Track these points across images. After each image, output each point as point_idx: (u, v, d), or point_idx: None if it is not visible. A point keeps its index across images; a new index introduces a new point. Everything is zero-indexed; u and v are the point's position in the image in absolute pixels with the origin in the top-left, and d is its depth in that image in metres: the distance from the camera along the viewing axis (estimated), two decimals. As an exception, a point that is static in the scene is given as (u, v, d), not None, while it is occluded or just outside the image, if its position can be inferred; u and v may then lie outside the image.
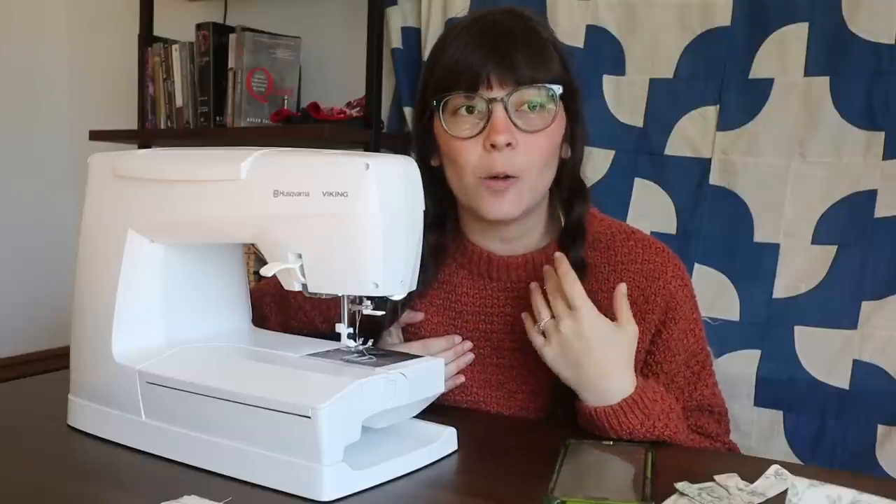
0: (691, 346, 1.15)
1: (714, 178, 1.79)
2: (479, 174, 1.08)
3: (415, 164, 0.93)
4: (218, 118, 2.35)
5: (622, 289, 1.05)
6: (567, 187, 1.16)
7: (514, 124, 1.07)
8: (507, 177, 1.08)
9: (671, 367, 1.12)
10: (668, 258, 1.16)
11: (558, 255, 1.08)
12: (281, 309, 1.29)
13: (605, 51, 1.90)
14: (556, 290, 1.05)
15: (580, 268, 1.12)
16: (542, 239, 1.18)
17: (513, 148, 1.06)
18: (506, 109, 1.06)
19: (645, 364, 1.13)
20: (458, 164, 1.09)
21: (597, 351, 1.01)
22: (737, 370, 1.69)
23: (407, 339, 1.20)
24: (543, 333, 1.05)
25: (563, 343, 1.03)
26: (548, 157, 1.10)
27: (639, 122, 1.88)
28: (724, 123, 1.79)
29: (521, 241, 1.17)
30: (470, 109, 1.08)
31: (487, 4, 1.99)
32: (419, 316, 1.20)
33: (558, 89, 1.09)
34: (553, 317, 1.05)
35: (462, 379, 1.17)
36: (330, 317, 1.23)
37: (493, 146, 1.06)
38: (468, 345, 1.17)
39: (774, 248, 1.73)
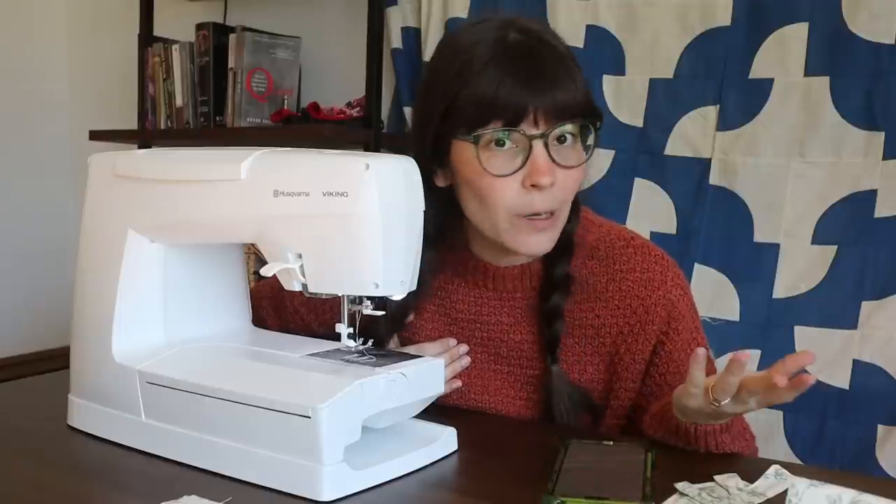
0: None
1: (714, 178, 1.80)
2: (516, 212, 1.04)
3: (415, 164, 0.93)
4: (218, 118, 2.35)
5: (699, 357, 0.92)
6: None
7: (553, 160, 1.02)
8: (549, 215, 1.05)
9: (675, 379, 1.10)
10: (667, 266, 1.14)
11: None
12: (277, 313, 1.29)
13: (605, 51, 1.90)
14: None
15: (566, 284, 1.11)
16: None
17: (553, 187, 1.03)
18: (546, 146, 1.02)
19: (647, 374, 1.11)
20: (490, 201, 1.04)
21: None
22: (737, 370, 1.69)
23: (402, 345, 1.20)
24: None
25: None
26: (577, 188, 1.08)
27: (639, 122, 1.88)
28: (724, 123, 1.79)
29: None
30: (501, 142, 1.02)
31: (487, 5, 2.00)
32: (409, 316, 1.19)
33: (596, 123, 1.05)
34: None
35: (459, 383, 1.16)
36: (326, 320, 1.22)
37: (534, 186, 1.01)
38: (464, 348, 1.17)
39: (774, 248, 1.73)
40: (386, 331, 1.16)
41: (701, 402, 0.93)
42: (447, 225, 1.14)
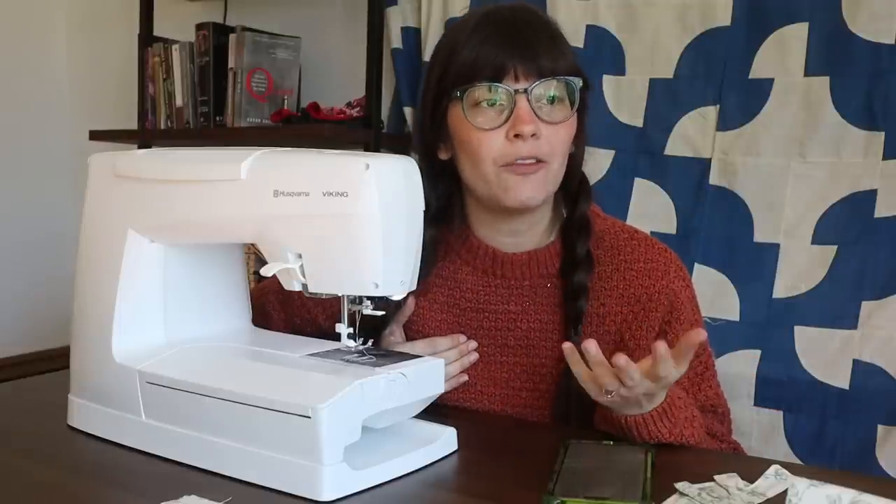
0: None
1: (714, 178, 1.79)
2: (501, 163, 1.08)
3: (415, 164, 0.93)
4: (218, 118, 2.35)
5: (698, 337, 0.93)
6: (572, 183, 1.17)
7: (537, 115, 1.07)
8: (534, 161, 1.08)
9: None
10: (670, 258, 1.17)
11: (592, 347, 0.95)
12: (284, 306, 1.29)
13: (605, 51, 1.90)
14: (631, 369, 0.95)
15: (587, 261, 1.13)
16: (545, 235, 1.18)
17: (537, 138, 1.07)
18: (528, 101, 1.07)
19: None
20: (478, 154, 1.09)
21: (656, 397, 0.99)
22: (737, 370, 1.69)
23: (410, 338, 1.20)
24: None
25: (630, 400, 0.98)
26: (566, 148, 1.12)
27: (639, 122, 1.88)
28: (724, 123, 1.79)
29: (528, 234, 1.17)
30: (491, 102, 1.08)
31: (487, 4, 2.00)
32: (410, 303, 1.19)
33: (579, 82, 1.10)
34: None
35: (465, 378, 1.17)
36: (333, 313, 1.22)
37: (517, 136, 1.06)
38: (473, 344, 1.18)
39: (774, 248, 1.73)
40: (390, 318, 1.17)
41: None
42: (447, 199, 1.18)
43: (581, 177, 1.18)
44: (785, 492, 0.81)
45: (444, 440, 0.96)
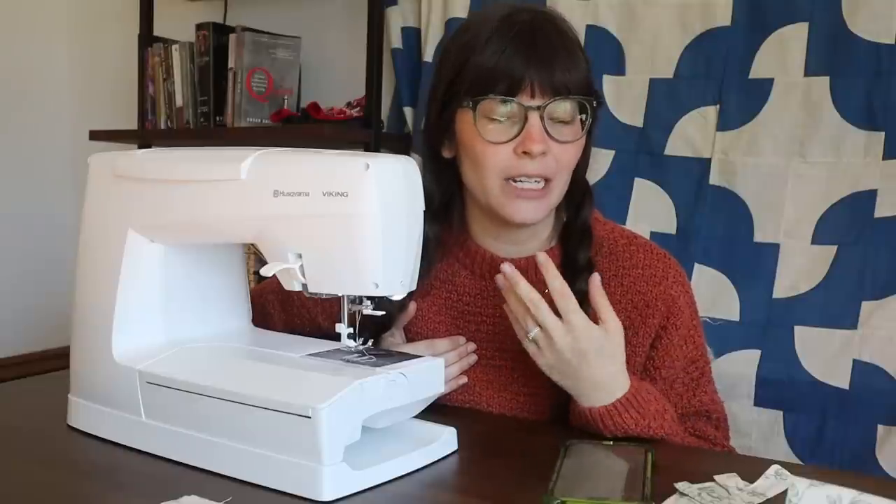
0: (690, 353, 1.15)
1: (714, 178, 1.79)
2: (505, 175, 1.08)
3: (415, 164, 0.93)
4: (218, 118, 2.35)
5: (596, 281, 1.03)
6: (575, 190, 1.16)
7: (548, 133, 1.06)
8: (540, 181, 1.08)
9: (670, 373, 1.12)
10: (669, 264, 1.16)
11: (542, 258, 1.04)
12: (284, 307, 1.29)
13: (605, 51, 1.90)
14: (539, 300, 1.01)
15: (588, 270, 1.12)
16: (546, 241, 1.18)
17: (545, 156, 1.07)
18: (541, 118, 1.06)
19: (644, 369, 1.13)
20: (483, 165, 1.08)
21: (593, 362, 1.01)
22: (737, 370, 1.69)
23: (410, 340, 1.20)
24: (535, 342, 1.03)
25: (559, 356, 1.01)
26: (573, 164, 1.11)
27: (639, 122, 1.88)
28: (724, 123, 1.79)
29: (529, 243, 1.17)
30: (503, 115, 1.07)
31: (488, 3, 2.00)
32: (412, 307, 1.20)
33: (592, 102, 1.09)
34: (540, 325, 1.02)
35: (465, 380, 1.17)
36: (333, 314, 1.22)
37: (526, 153, 1.06)
38: (472, 346, 1.17)
39: (774, 248, 1.73)
40: (395, 320, 1.17)
41: None
42: (450, 200, 1.17)
43: (584, 183, 1.18)
44: (785, 492, 0.81)
45: (444, 440, 0.96)
